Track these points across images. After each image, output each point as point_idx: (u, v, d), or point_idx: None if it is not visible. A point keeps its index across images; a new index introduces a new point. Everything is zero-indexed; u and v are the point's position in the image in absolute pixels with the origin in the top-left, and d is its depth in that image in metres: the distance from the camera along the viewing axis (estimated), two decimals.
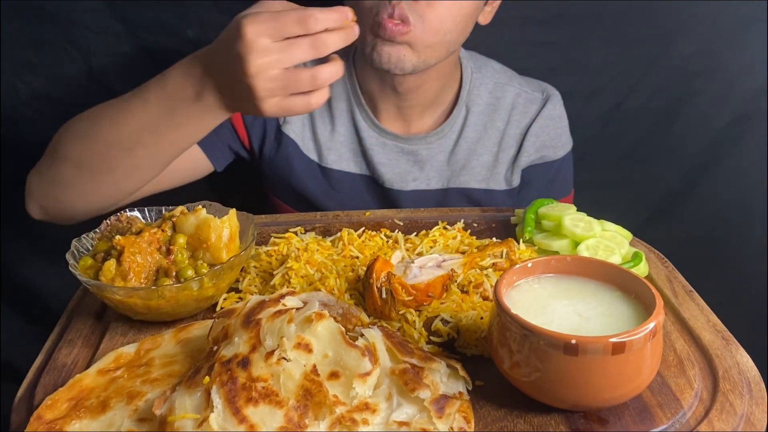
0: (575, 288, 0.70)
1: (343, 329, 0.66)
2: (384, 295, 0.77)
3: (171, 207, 0.86)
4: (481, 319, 0.77)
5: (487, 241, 0.94)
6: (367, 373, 0.63)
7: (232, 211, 0.83)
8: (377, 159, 1.22)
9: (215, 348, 0.67)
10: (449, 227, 0.99)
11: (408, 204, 1.22)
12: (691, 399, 0.66)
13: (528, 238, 0.95)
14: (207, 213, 0.82)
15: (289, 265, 0.84)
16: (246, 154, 1.26)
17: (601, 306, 0.67)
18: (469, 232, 0.99)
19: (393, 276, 0.78)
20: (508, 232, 1.01)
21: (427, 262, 0.83)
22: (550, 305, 0.67)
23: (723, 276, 1.47)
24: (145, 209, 0.89)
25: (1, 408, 0.91)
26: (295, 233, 0.97)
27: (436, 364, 0.67)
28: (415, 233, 0.99)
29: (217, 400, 0.60)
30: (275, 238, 0.94)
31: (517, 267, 0.70)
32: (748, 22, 1.37)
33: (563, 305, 0.67)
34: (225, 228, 0.80)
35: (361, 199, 1.25)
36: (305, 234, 0.98)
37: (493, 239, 0.95)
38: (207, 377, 0.62)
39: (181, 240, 0.80)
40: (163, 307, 0.76)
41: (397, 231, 0.99)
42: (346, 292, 0.83)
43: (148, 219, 0.88)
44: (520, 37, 1.38)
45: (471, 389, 0.67)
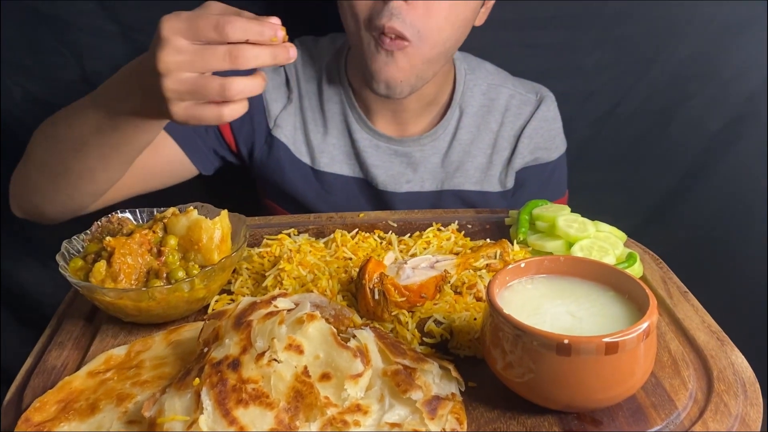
0: (568, 288, 0.69)
1: (335, 330, 0.65)
2: (377, 296, 0.77)
3: (162, 208, 0.85)
4: (474, 320, 0.77)
5: (481, 242, 0.93)
6: (359, 375, 0.62)
7: (224, 213, 0.83)
8: (370, 161, 1.21)
9: (206, 350, 0.66)
10: (443, 228, 0.99)
11: (402, 206, 1.21)
12: (685, 400, 0.66)
13: (522, 239, 0.94)
14: (199, 214, 0.81)
15: (281, 266, 0.84)
16: (234, 159, 1.25)
17: (594, 306, 0.67)
18: (463, 233, 0.99)
19: (386, 277, 0.77)
20: (503, 233, 1.01)
21: (420, 263, 0.83)
22: (543, 305, 0.67)
23: (718, 278, 1.47)
24: (136, 210, 0.88)
25: None
26: (288, 235, 0.96)
27: (429, 365, 0.66)
28: (408, 234, 0.98)
29: (206, 402, 0.59)
30: (268, 239, 0.94)
31: (510, 267, 0.70)
32: (742, 24, 1.37)
33: (556, 305, 0.67)
34: (217, 229, 0.80)
35: (354, 202, 1.24)
36: (298, 236, 0.98)
37: (487, 240, 0.95)
38: (197, 379, 0.61)
39: (173, 241, 0.79)
40: (153, 308, 0.75)
41: (390, 232, 0.99)
42: (338, 293, 0.82)
43: (140, 220, 0.88)
44: (515, 40, 1.38)
45: (464, 390, 0.67)
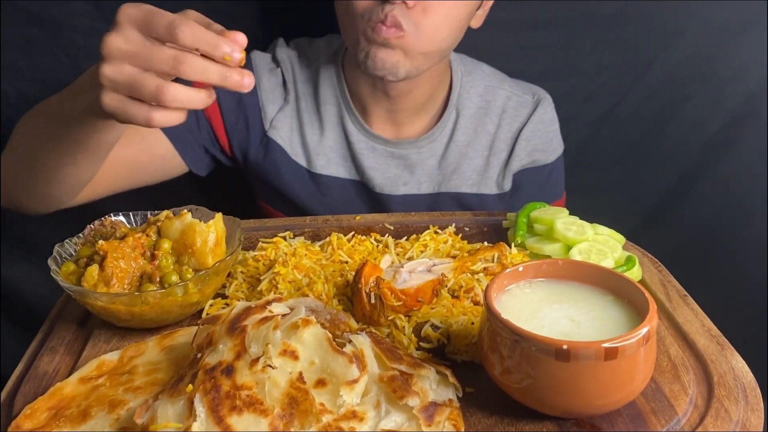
0: (567, 292, 0.69)
1: (330, 335, 0.64)
2: (373, 301, 0.76)
3: (156, 212, 0.84)
4: (471, 324, 0.76)
5: (478, 245, 0.92)
6: (355, 381, 0.61)
7: (218, 216, 0.82)
8: (367, 164, 1.21)
9: (199, 355, 0.65)
10: (440, 231, 0.98)
11: (399, 209, 1.21)
12: (685, 405, 0.65)
13: (520, 242, 0.94)
14: (193, 217, 0.80)
15: (276, 270, 0.83)
16: (226, 160, 1.23)
17: (593, 311, 0.66)
18: (460, 236, 0.98)
19: (382, 281, 0.76)
20: (500, 236, 1.00)
21: (417, 266, 0.82)
22: (542, 310, 0.66)
23: (718, 280, 1.47)
24: (130, 214, 0.87)
25: None
26: (284, 238, 0.96)
27: (426, 371, 0.65)
28: (405, 238, 0.98)
29: (200, 409, 0.58)
30: (263, 242, 0.93)
31: (508, 271, 0.69)
32: (740, 25, 1.37)
33: (555, 310, 0.66)
34: (211, 232, 0.79)
35: (351, 205, 1.24)
36: (294, 239, 0.97)
37: (485, 243, 0.94)
38: (190, 385, 0.60)
39: (166, 245, 0.78)
40: (146, 313, 0.74)
41: (387, 235, 0.98)
42: (334, 297, 0.81)
43: (133, 224, 0.87)
44: (513, 41, 1.37)
45: (461, 396, 0.66)
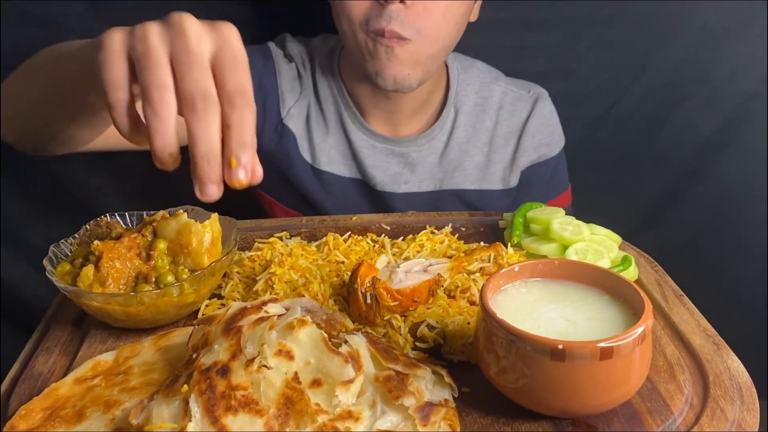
0: (563, 292, 0.69)
1: (326, 336, 0.64)
2: (369, 301, 0.75)
3: (152, 211, 0.84)
4: (468, 324, 0.76)
5: (474, 246, 0.92)
6: (351, 381, 0.61)
7: (214, 216, 0.81)
8: (368, 162, 1.21)
9: (195, 355, 0.65)
10: (437, 231, 0.98)
11: (401, 207, 1.21)
12: (681, 405, 0.65)
13: (516, 242, 0.93)
14: (189, 217, 0.80)
15: (272, 270, 0.83)
16: None
17: (589, 310, 0.66)
18: (456, 236, 0.98)
19: (378, 281, 0.76)
20: (497, 236, 1.00)
21: (413, 266, 0.82)
22: (537, 310, 0.66)
23: (714, 281, 1.47)
24: (125, 214, 0.87)
25: None
26: (280, 238, 0.95)
27: (422, 371, 0.65)
28: (402, 238, 0.97)
29: (195, 409, 0.58)
30: (259, 243, 0.93)
31: (503, 271, 0.69)
32: (736, 27, 1.37)
33: (550, 310, 0.66)
34: (207, 233, 0.79)
35: (353, 203, 1.24)
36: (290, 239, 0.97)
37: (481, 243, 0.94)
38: (185, 386, 0.60)
39: (162, 245, 0.78)
40: (142, 313, 0.74)
41: (383, 235, 0.98)
42: (330, 297, 0.81)
43: (129, 224, 0.86)
44: (511, 41, 1.38)
45: (457, 396, 0.66)
